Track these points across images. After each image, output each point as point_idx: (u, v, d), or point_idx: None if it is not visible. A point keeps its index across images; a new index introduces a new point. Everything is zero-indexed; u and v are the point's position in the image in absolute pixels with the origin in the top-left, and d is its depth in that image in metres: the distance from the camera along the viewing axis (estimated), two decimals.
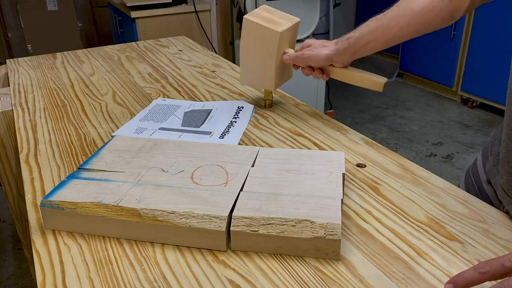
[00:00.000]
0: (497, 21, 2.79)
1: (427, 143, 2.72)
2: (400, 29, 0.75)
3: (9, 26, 3.58)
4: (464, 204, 0.63)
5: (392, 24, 0.75)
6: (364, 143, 0.82)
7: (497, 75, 2.87)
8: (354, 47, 0.79)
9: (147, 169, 0.65)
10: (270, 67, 0.88)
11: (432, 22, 0.74)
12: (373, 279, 0.50)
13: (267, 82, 0.91)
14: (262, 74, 0.90)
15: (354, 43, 0.79)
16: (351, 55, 0.81)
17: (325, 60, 0.83)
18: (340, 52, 0.81)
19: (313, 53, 0.84)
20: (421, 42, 3.33)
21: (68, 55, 1.42)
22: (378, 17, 0.78)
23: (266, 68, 0.89)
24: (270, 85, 0.91)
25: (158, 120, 0.92)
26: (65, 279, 0.52)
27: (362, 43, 0.78)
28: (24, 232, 1.19)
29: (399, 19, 0.75)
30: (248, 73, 0.92)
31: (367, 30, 0.78)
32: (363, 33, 0.78)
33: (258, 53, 0.88)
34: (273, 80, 0.90)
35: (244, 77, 0.94)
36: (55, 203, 0.58)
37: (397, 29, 0.75)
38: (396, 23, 0.75)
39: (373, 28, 0.77)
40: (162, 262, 0.54)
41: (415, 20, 0.74)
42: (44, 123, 0.93)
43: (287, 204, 0.56)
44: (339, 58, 0.82)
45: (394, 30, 0.75)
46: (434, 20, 0.74)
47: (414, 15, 0.73)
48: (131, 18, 2.56)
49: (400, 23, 0.75)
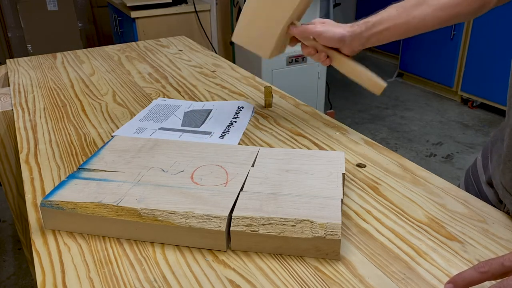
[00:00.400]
0: (497, 21, 2.79)
1: (427, 143, 2.72)
2: (422, 19, 0.71)
3: (9, 26, 3.58)
4: (464, 204, 0.63)
5: (415, 13, 0.71)
6: (364, 143, 0.82)
7: (497, 75, 2.87)
8: (370, 31, 0.74)
9: (147, 169, 0.65)
10: (274, 33, 0.80)
11: (457, 16, 0.71)
12: (373, 279, 0.50)
13: (264, 47, 0.83)
14: (262, 37, 0.82)
15: (371, 27, 0.74)
16: (365, 40, 0.76)
17: (338, 39, 0.77)
18: (355, 34, 0.76)
19: (327, 29, 0.77)
20: (421, 42, 3.33)
21: (68, 55, 1.42)
22: (399, 4, 0.73)
23: (269, 31, 0.81)
24: (266, 51, 0.83)
25: (158, 120, 0.92)
26: (65, 279, 0.52)
27: (380, 28, 0.74)
28: (24, 232, 1.19)
29: (423, 8, 0.71)
30: (246, 31, 0.83)
31: (387, 16, 0.73)
32: (383, 18, 0.74)
33: (268, 12, 0.80)
34: (272, 47, 0.82)
35: (239, 34, 0.84)
36: (55, 203, 0.58)
37: (420, 19, 0.71)
38: (419, 12, 0.71)
39: (394, 15, 0.73)
40: (162, 262, 0.54)
41: (440, 12, 0.70)
42: (44, 123, 0.93)
43: (287, 204, 0.56)
44: (352, 42, 0.76)
45: (417, 20, 0.71)
46: (460, 13, 0.70)
47: (441, 6, 0.70)
48: (131, 18, 2.56)
49: (424, 13, 0.71)
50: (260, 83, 1.13)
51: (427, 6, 0.71)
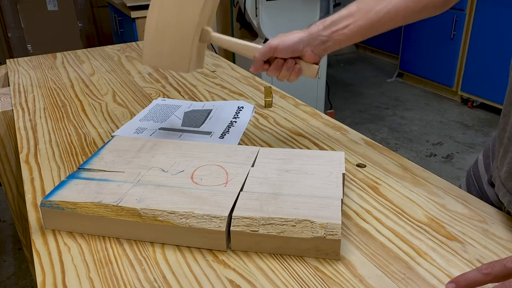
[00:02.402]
0: (497, 21, 2.79)
1: (427, 143, 2.72)
2: (386, 14, 0.67)
3: (9, 26, 3.57)
4: (464, 204, 0.63)
5: (378, 7, 0.67)
6: (364, 143, 0.82)
7: (497, 75, 2.86)
8: (329, 29, 0.69)
9: (147, 169, 0.65)
10: (188, 43, 0.73)
11: (423, 10, 0.68)
12: (373, 279, 0.50)
13: (181, 61, 0.74)
14: (175, 51, 0.74)
15: (331, 25, 0.69)
16: (326, 39, 0.70)
17: (296, 44, 0.71)
18: (312, 34, 0.70)
19: (281, 39, 0.71)
20: (421, 42, 3.33)
21: (68, 55, 1.42)
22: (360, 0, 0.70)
23: (182, 44, 0.73)
24: (183, 65, 0.75)
25: (158, 120, 0.92)
26: (65, 279, 0.52)
27: (340, 26, 0.68)
28: (24, 232, 1.19)
29: (386, 2, 0.67)
30: (156, 50, 0.75)
31: (346, 13, 0.69)
32: (342, 16, 0.69)
33: (173, 24, 0.72)
34: (188, 58, 0.74)
35: (148, 56, 0.76)
36: (55, 203, 0.58)
37: (383, 14, 0.67)
38: (382, 7, 0.67)
39: (354, 11, 0.69)
40: (162, 262, 0.54)
41: (405, 5, 0.67)
42: (44, 123, 0.93)
43: (287, 204, 0.56)
44: (311, 42, 0.70)
45: (380, 15, 0.67)
46: (426, 8, 0.68)
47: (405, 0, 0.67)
48: (131, 18, 2.56)
49: (387, 7, 0.67)
50: (260, 83, 1.13)
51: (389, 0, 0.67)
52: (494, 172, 0.64)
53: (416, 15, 0.68)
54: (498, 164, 0.63)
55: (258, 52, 0.73)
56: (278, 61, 0.73)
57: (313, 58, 0.73)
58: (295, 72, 0.74)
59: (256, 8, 2.46)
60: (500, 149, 0.63)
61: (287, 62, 0.73)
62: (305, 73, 0.75)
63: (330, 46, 0.71)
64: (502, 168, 0.61)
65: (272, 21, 2.49)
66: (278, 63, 0.74)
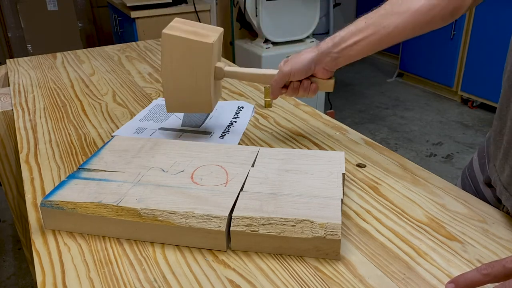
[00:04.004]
0: (497, 21, 2.79)
1: (427, 143, 2.72)
2: (395, 28, 0.68)
3: (9, 26, 3.57)
4: (464, 204, 0.63)
5: (386, 22, 0.68)
6: (364, 143, 0.82)
7: (497, 75, 2.86)
8: (339, 46, 0.70)
9: (147, 169, 0.65)
10: (206, 86, 0.76)
11: (432, 22, 0.69)
12: (373, 279, 0.50)
13: (202, 104, 0.78)
14: (195, 96, 0.77)
15: (340, 42, 0.70)
16: (336, 57, 0.71)
17: (308, 64, 0.73)
18: (322, 52, 0.72)
19: (292, 64, 0.73)
20: (421, 42, 3.33)
21: (68, 55, 1.42)
22: (368, 15, 0.70)
23: (200, 88, 0.76)
24: (206, 106, 0.78)
25: (158, 120, 0.92)
26: (65, 279, 0.52)
27: (350, 42, 0.70)
28: (24, 232, 1.19)
29: (395, 17, 0.68)
30: (177, 99, 0.78)
31: (354, 29, 0.70)
32: (350, 32, 0.70)
33: (187, 72, 0.75)
34: (209, 100, 0.77)
35: (171, 104, 0.79)
36: (55, 203, 0.58)
37: (392, 28, 0.68)
38: (390, 22, 0.68)
39: (363, 27, 0.69)
40: (162, 262, 0.54)
41: (413, 19, 0.67)
42: (44, 123, 0.93)
43: (287, 204, 0.56)
44: (322, 59, 0.72)
45: (388, 29, 0.68)
46: (434, 19, 0.68)
47: (413, 13, 0.67)
48: (131, 18, 2.56)
49: (396, 21, 0.68)
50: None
51: (398, 15, 0.68)
52: (494, 176, 0.64)
53: (424, 28, 0.69)
54: (497, 168, 0.63)
55: (274, 81, 0.76)
56: (294, 83, 0.76)
57: (326, 74, 0.75)
58: (312, 90, 0.76)
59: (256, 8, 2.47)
60: (497, 152, 0.63)
61: (303, 83, 0.75)
62: (322, 88, 0.77)
63: (341, 61, 0.72)
64: (503, 172, 0.60)
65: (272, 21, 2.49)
66: (294, 86, 0.76)
